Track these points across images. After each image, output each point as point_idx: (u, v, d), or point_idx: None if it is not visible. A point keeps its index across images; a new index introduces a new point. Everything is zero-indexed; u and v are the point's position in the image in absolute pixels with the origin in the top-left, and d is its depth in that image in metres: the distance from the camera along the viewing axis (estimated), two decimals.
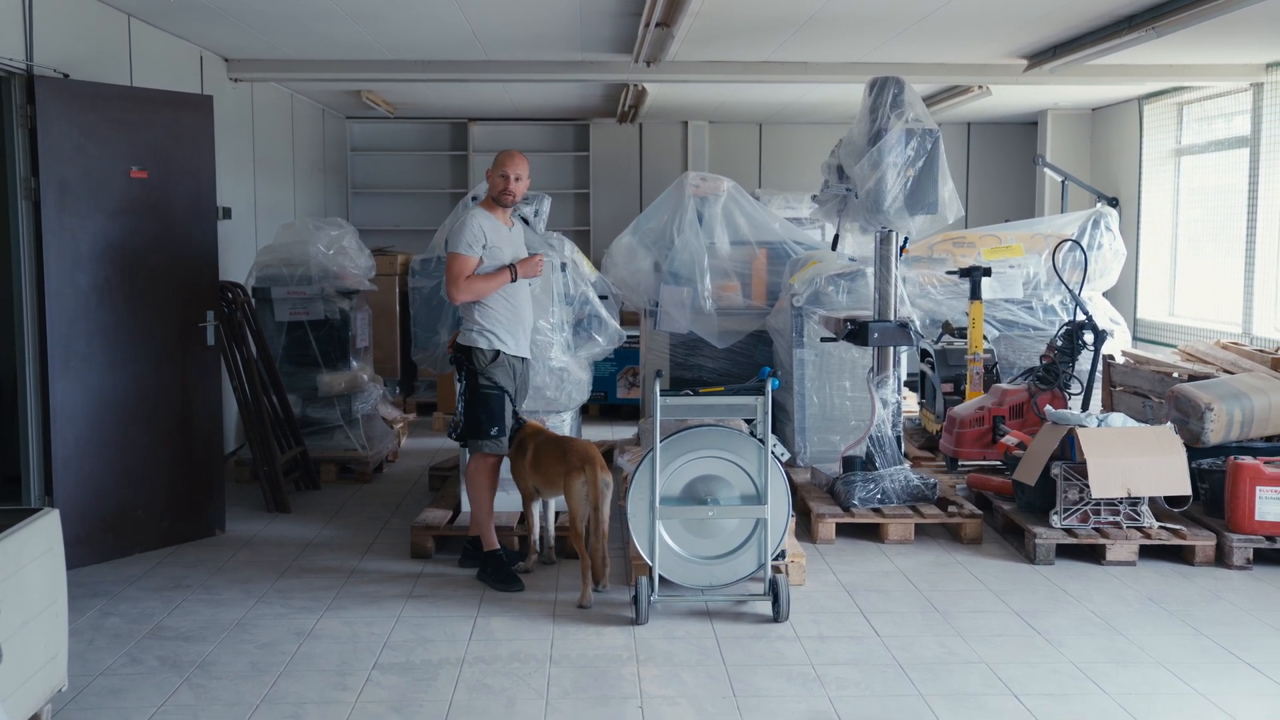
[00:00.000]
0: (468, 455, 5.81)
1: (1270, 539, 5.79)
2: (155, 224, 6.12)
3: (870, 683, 4.40)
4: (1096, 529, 5.95)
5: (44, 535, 3.84)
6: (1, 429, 6.88)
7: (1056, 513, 5.97)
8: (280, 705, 4.19)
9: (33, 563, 3.73)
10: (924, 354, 8.55)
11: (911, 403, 9.26)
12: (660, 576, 5.15)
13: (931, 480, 6.51)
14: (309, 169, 11.07)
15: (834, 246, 7.59)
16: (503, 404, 5.59)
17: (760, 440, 5.14)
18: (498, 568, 5.56)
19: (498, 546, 5.66)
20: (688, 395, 5.19)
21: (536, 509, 5.81)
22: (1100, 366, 7.52)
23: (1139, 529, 5.94)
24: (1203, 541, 5.87)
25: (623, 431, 9.39)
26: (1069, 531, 5.93)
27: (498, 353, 5.57)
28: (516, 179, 5.61)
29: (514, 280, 5.59)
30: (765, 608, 5.17)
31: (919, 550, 6.17)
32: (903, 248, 6.55)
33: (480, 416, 5.57)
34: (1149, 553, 5.96)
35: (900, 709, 4.17)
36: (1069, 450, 6.06)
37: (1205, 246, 10.02)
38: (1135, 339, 10.32)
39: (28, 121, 5.62)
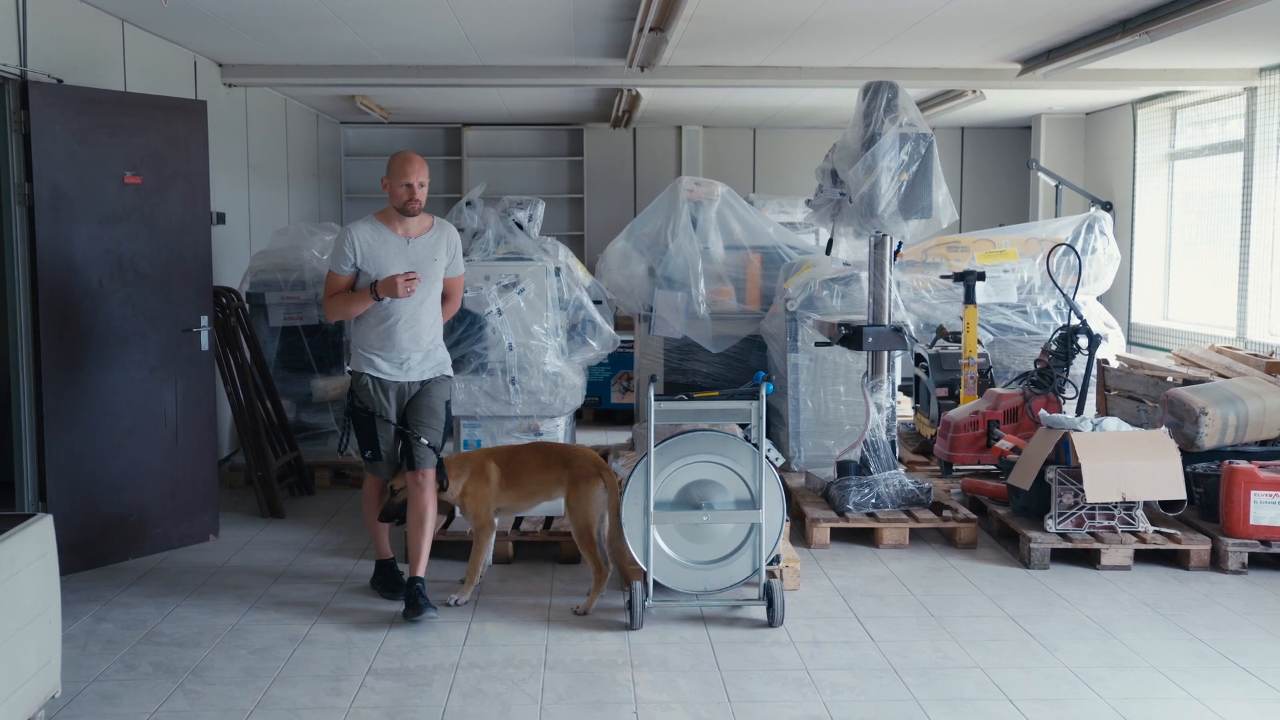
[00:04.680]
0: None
1: (1265, 543, 5.80)
2: (149, 229, 6.11)
3: (865, 688, 4.39)
4: (1091, 533, 5.95)
5: (37, 541, 3.83)
6: None
7: (1051, 517, 5.97)
8: (274, 711, 4.18)
9: (26, 569, 3.72)
10: (918, 358, 8.56)
11: (906, 407, 9.27)
12: (655, 581, 5.15)
13: (926, 485, 6.51)
14: (303, 174, 11.06)
15: (828, 251, 7.59)
16: (372, 427, 5.24)
17: (755, 445, 5.14)
18: (387, 577, 5.51)
19: (390, 555, 5.57)
20: (682, 400, 5.19)
21: (490, 539, 5.55)
22: (1095, 371, 7.53)
23: (1134, 533, 5.94)
24: (1198, 546, 5.87)
25: (617, 436, 9.38)
26: (1064, 536, 5.93)
27: (361, 373, 5.25)
28: (420, 185, 5.13)
29: (378, 300, 5.09)
30: (760, 613, 5.16)
31: (914, 555, 6.17)
32: (897, 252, 6.56)
33: (357, 438, 5.38)
34: (1144, 557, 5.97)
35: (895, 714, 4.16)
36: (1064, 454, 6.07)
37: (1199, 250, 10.03)
38: (1129, 343, 10.34)
39: (22, 127, 5.62)
